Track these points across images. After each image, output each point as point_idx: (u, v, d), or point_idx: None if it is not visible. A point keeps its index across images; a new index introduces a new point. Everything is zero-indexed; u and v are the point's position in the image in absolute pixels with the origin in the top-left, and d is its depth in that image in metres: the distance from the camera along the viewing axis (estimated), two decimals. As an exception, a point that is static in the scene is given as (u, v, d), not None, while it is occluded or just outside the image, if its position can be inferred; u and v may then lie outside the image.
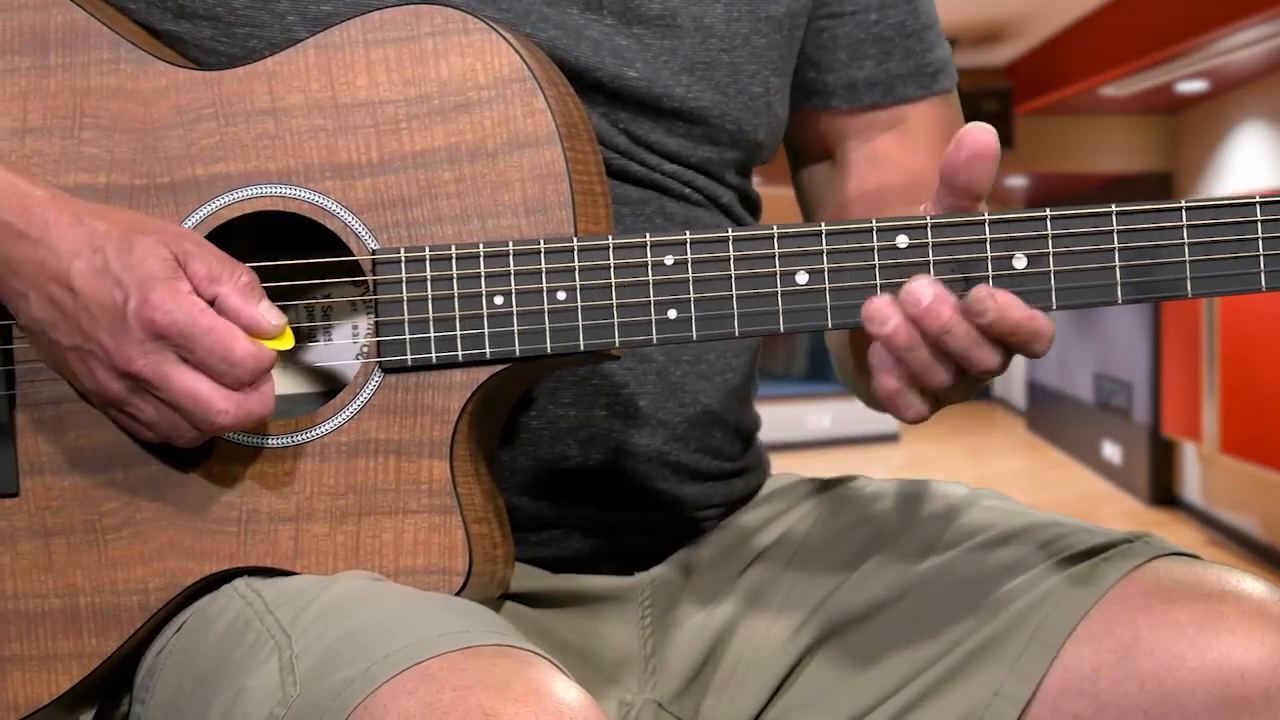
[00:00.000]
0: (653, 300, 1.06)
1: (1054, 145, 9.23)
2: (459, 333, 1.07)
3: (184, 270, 1.04)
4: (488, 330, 1.07)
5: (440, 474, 1.08)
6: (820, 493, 1.32)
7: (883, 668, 1.16)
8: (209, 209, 1.10)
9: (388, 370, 1.08)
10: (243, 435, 1.09)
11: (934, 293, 1.00)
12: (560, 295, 1.06)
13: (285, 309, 1.10)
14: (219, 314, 1.04)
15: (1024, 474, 10.58)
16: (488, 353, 1.07)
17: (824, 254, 1.04)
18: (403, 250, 1.07)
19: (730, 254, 1.05)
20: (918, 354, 1.01)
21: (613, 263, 1.06)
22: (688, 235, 1.05)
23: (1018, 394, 14.12)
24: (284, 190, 1.09)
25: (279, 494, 1.09)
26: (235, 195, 1.09)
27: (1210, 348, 7.47)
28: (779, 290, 1.05)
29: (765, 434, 1.37)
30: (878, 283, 1.03)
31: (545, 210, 1.07)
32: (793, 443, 10.71)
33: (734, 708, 1.21)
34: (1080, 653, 1.08)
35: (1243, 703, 1.04)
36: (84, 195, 1.10)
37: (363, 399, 1.08)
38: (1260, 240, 1.01)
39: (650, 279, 1.06)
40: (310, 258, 1.11)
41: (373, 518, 1.08)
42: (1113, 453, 9.56)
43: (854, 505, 1.28)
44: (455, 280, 1.07)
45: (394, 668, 0.91)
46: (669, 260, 1.06)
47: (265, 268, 1.10)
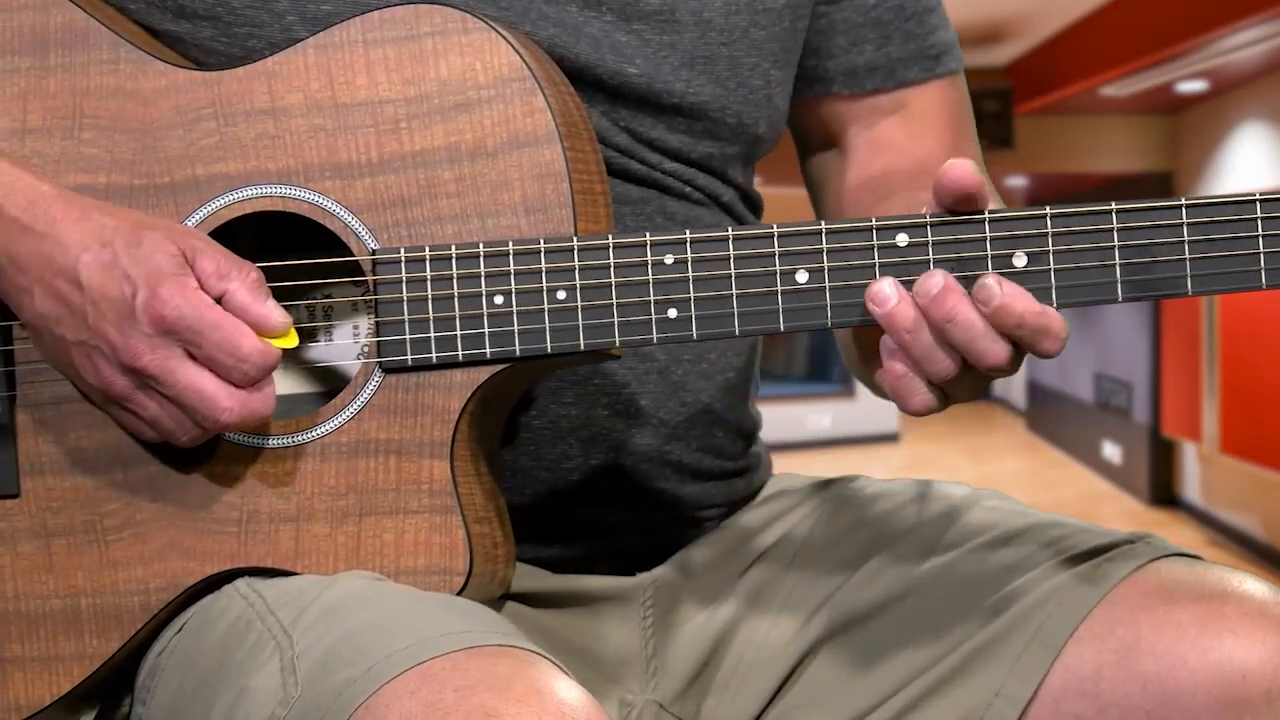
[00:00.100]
0: (653, 299, 1.06)
1: (1054, 145, 9.23)
2: (459, 332, 1.07)
3: (192, 267, 1.04)
4: (488, 330, 1.07)
5: (441, 474, 1.08)
6: (821, 493, 1.32)
7: (884, 668, 1.16)
8: (209, 209, 1.10)
9: (388, 370, 1.08)
10: (243, 435, 1.09)
11: (943, 283, 1.00)
12: (560, 295, 1.06)
13: (286, 309, 1.10)
14: (227, 310, 1.04)
15: (1024, 474, 10.58)
16: (488, 352, 1.07)
17: (824, 253, 1.04)
18: (403, 250, 1.07)
19: (730, 253, 1.05)
20: (920, 337, 1.01)
21: (613, 262, 1.06)
22: (688, 234, 1.05)
23: (1018, 394, 14.12)
24: (284, 190, 1.09)
25: (280, 494, 1.09)
26: (235, 195, 1.09)
27: (1210, 348, 7.47)
28: (779, 289, 1.05)
29: (765, 434, 1.37)
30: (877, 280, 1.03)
31: (545, 210, 1.07)
32: (793, 443, 10.70)
33: (735, 708, 1.21)
34: (1082, 653, 1.08)
35: (1244, 703, 1.04)
36: (84, 195, 1.10)
37: (363, 399, 1.08)
38: (1260, 238, 1.01)
39: (650, 278, 1.06)
40: (310, 258, 1.11)
41: (373, 518, 1.08)
42: (1113, 453, 9.56)
43: (855, 506, 1.28)
44: (455, 280, 1.07)
45: (396, 668, 0.91)
46: (669, 259, 1.05)
47: (266, 268, 1.10)
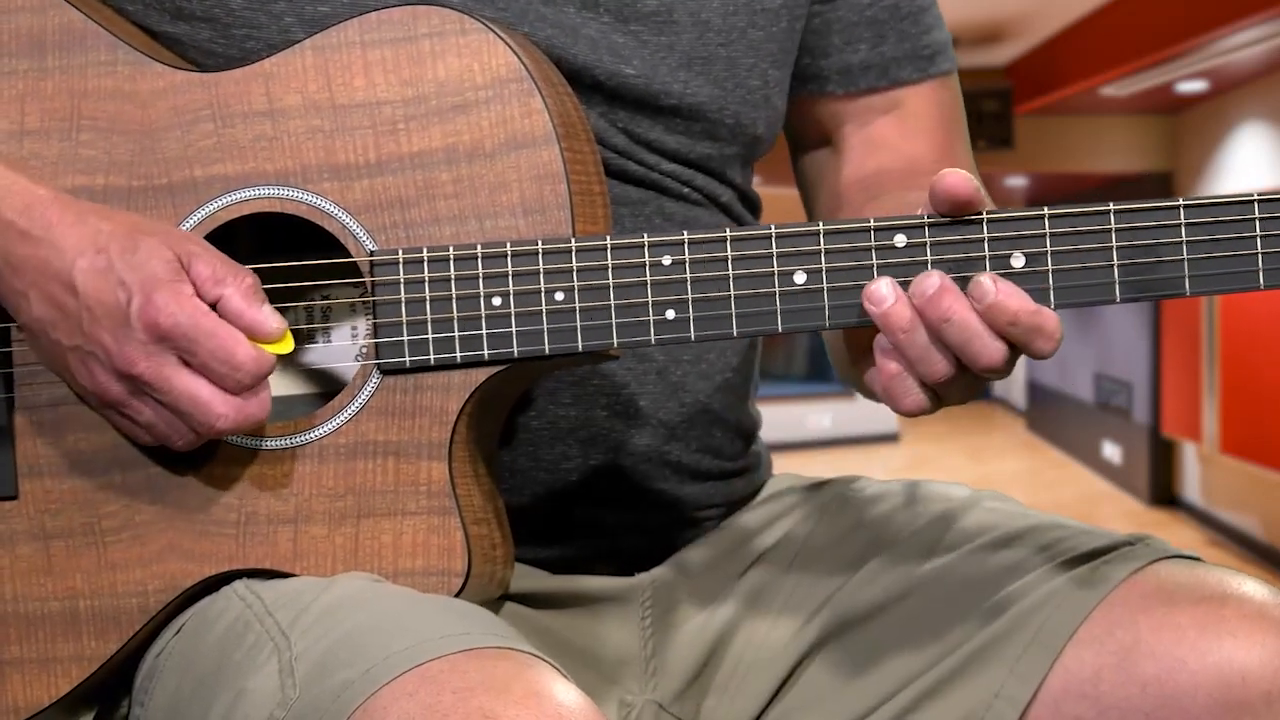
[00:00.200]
0: (651, 300, 1.06)
1: (1054, 145, 9.23)
2: (457, 334, 1.07)
3: (187, 272, 1.04)
4: (485, 331, 1.07)
5: (439, 475, 1.08)
6: (821, 493, 1.32)
7: (884, 669, 1.15)
8: (207, 210, 1.09)
9: (386, 372, 1.08)
10: (242, 437, 1.09)
11: (939, 283, 1.00)
12: (558, 296, 1.06)
13: (284, 310, 1.09)
14: (222, 316, 1.04)
15: (1024, 474, 10.58)
16: (486, 354, 1.07)
17: (822, 254, 1.04)
18: (400, 252, 1.07)
19: (728, 254, 1.05)
20: (915, 337, 1.01)
21: (610, 263, 1.06)
22: (685, 235, 1.05)
23: (1018, 394, 14.11)
24: (281, 192, 1.09)
25: (278, 496, 1.09)
26: (233, 197, 1.09)
27: (1210, 348, 7.47)
28: (777, 290, 1.05)
29: (765, 434, 1.37)
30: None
31: (543, 211, 1.07)
32: (793, 443, 10.70)
33: (734, 709, 1.21)
34: (1081, 655, 1.08)
35: (1244, 706, 1.04)
36: (82, 197, 1.10)
37: (361, 400, 1.08)
38: (1258, 238, 1.01)
39: (648, 279, 1.06)
40: (308, 259, 1.11)
41: (371, 519, 1.08)
42: (1113, 453, 9.56)
43: (855, 506, 1.28)
44: (453, 281, 1.07)
45: (394, 670, 0.91)
46: (667, 260, 1.05)
47: (263, 269, 1.10)
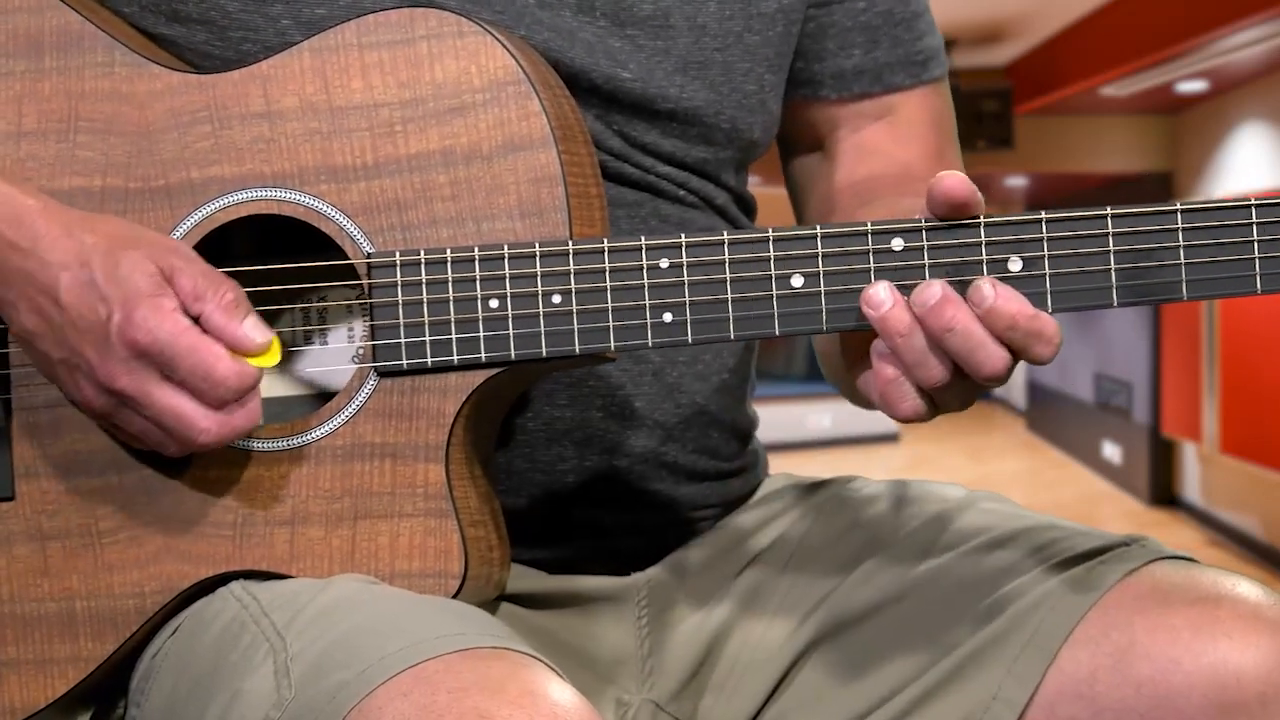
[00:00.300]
0: (648, 303, 1.06)
1: (1054, 145, 9.23)
2: (454, 336, 1.07)
3: (171, 285, 1.03)
4: (483, 334, 1.07)
5: (436, 477, 1.08)
6: (817, 494, 1.31)
7: (880, 671, 1.15)
8: (204, 212, 1.09)
9: (383, 374, 1.08)
10: (239, 439, 1.09)
11: (941, 292, 1.00)
12: (555, 299, 1.06)
13: (280, 312, 1.10)
14: (205, 331, 1.03)
15: (1024, 474, 10.58)
16: (483, 356, 1.07)
17: (819, 257, 1.04)
18: (398, 254, 1.07)
19: (725, 257, 1.05)
20: (912, 342, 1.01)
21: (608, 266, 1.06)
22: (683, 238, 1.05)
23: (1018, 394, 14.11)
24: (279, 193, 1.09)
25: (275, 497, 1.09)
26: (230, 198, 1.09)
27: (1210, 348, 7.47)
28: (774, 293, 1.05)
29: (765, 434, 1.37)
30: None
31: (540, 213, 1.07)
32: (793, 443, 10.70)
33: (731, 708, 1.21)
34: (1077, 656, 1.08)
35: (1238, 706, 1.04)
36: (79, 198, 1.10)
37: (358, 403, 1.08)
38: (1256, 243, 1.01)
39: (645, 282, 1.06)
40: (306, 260, 1.11)
41: (368, 521, 1.08)
42: (1113, 453, 9.56)
43: (851, 507, 1.28)
44: (450, 284, 1.07)
45: (389, 670, 0.91)
46: (664, 263, 1.05)
47: (260, 271, 1.10)
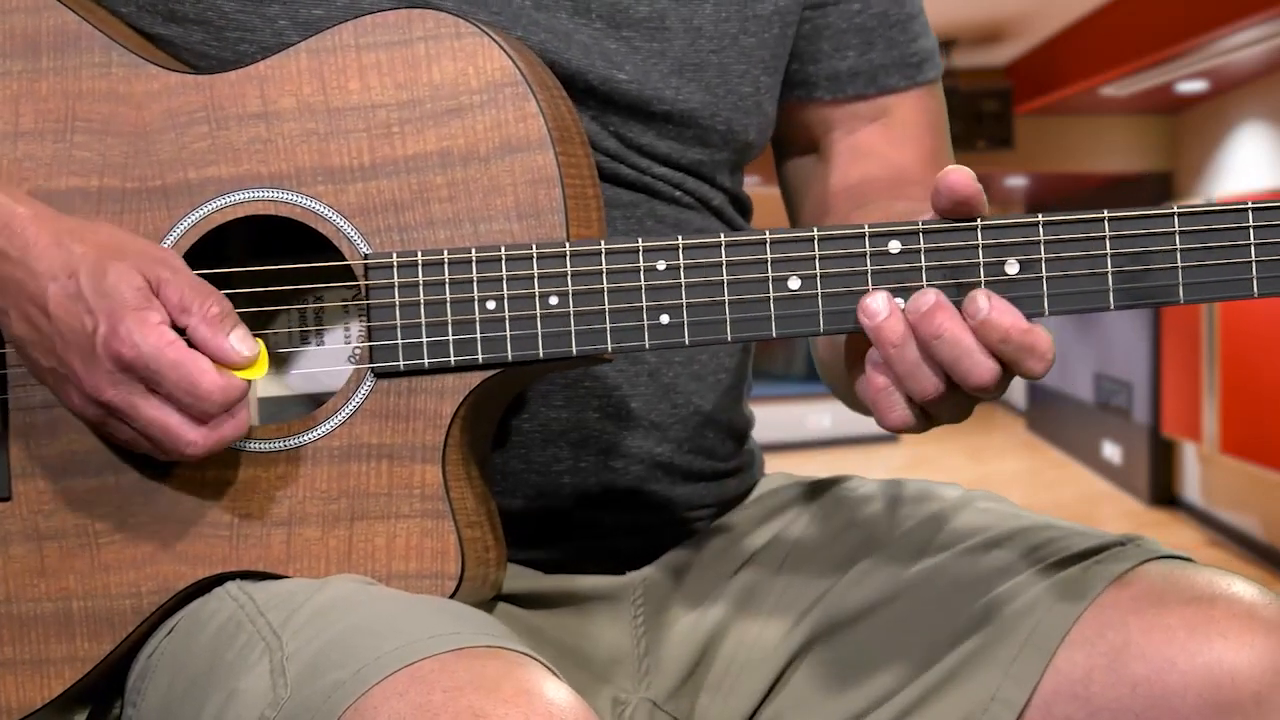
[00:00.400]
0: (645, 305, 1.06)
1: (1054, 145, 9.23)
2: (451, 337, 1.07)
3: (158, 297, 1.03)
4: (480, 335, 1.07)
5: (432, 478, 1.08)
6: (813, 493, 1.32)
7: (876, 671, 1.15)
8: (201, 213, 1.09)
9: (380, 375, 1.08)
10: (234, 442, 1.09)
11: (934, 300, 1.00)
12: (552, 300, 1.06)
13: (277, 313, 1.10)
14: (191, 343, 1.03)
15: (1024, 474, 10.59)
16: (480, 357, 1.07)
17: (816, 259, 1.04)
18: (395, 255, 1.07)
19: (723, 259, 1.05)
20: (905, 352, 1.01)
21: (605, 268, 1.06)
22: (680, 240, 1.05)
23: (1018, 394, 14.11)
24: (276, 194, 1.09)
25: (272, 498, 1.09)
26: (227, 199, 1.09)
27: (1210, 348, 7.48)
28: (771, 295, 1.05)
29: (764, 434, 1.37)
30: (869, 288, 1.03)
31: (537, 215, 1.07)
32: (792, 443, 10.70)
33: (728, 708, 1.21)
34: (1073, 656, 1.08)
35: (1234, 706, 1.04)
36: (76, 199, 1.10)
37: (355, 403, 1.08)
38: (1252, 246, 1.01)
39: (642, 284, 1.06)
40: (302, 261, 1.11)
41: (365, 522, 1.08)
42: (1113, 453, 9.56)
43: (847, 506, 1.28)
44: (447, 285, 1.07)
45: (384, 669, 0.91)
46: (661, 265, 1.05)
47: (257, 272, 1.10)
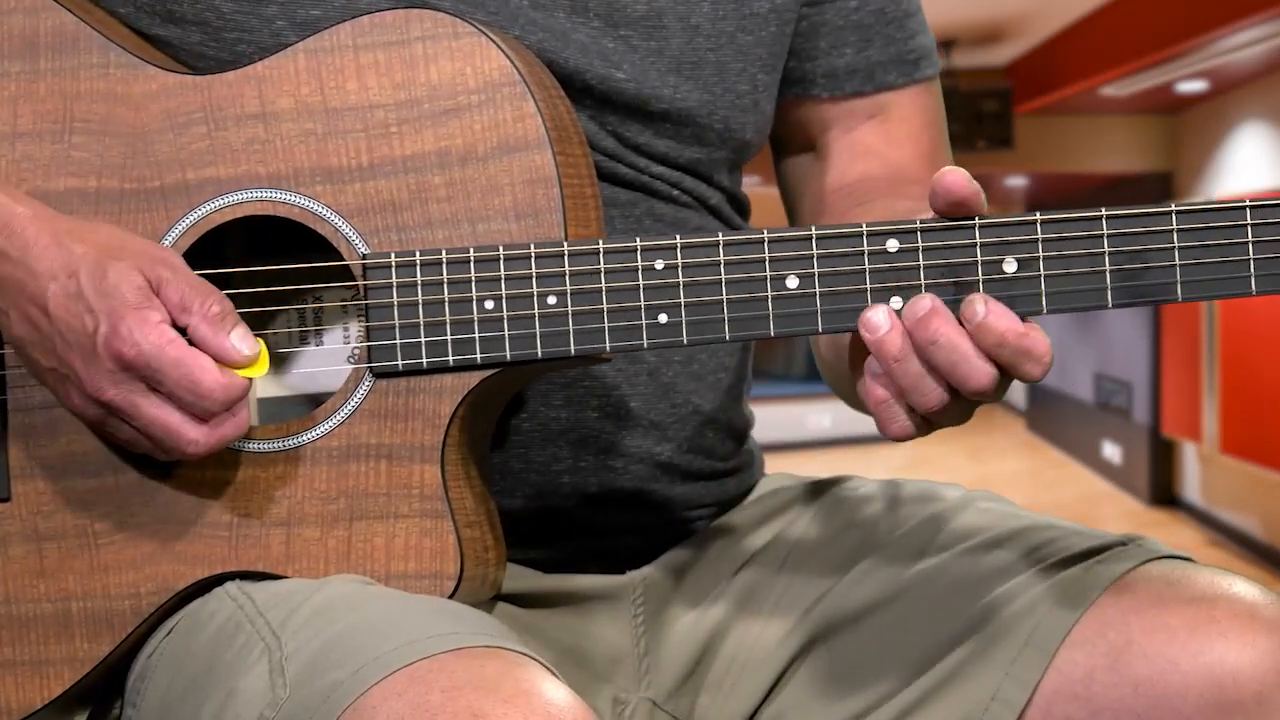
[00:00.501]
0: (643, 305, 1.06)
1: (1054, 145, 9.23)
2: (449, 337, 1.07)
3: (158, 296, 1.03)
4: (478, 335, 1.07)
5: (431, 478, 1.08)
6: (813, 493, 1.31)
7: (876, 672, 1.15)
8: (199, 213, 1.09)
9: (378, 375, 1.08)
10: (235, 440, 1.09)
11: (930, 305, 1.00)
12: (550, 300, 1.06)
13: (276, 313, 1.10)
14: (192, 342, 1.03)
15: (1024, 474, 10.59)
16: (478, 357, 1.07)
17: (814, 258, 1.04)
18: (393, 255, 1.07)
19: (721, 258, 1.05)
20: (907, 366, 1.00)
21: (603, 267, 1.06)
22: (678, 240, 1.05)
23: (1018, 394, 14.11)
24: (274, 194, 1.09)
25: (271, 498, 1.09)
26: (225, 200, 1.09)
27: (1210, 348, 7.48)
28: (769, 294, 1.05)
29: (764, 434, 1.37)
30: (868, 287, 1.03)
31: (535, 215, 1.07)
32: (792, 443, 10.70)
33: (728, 707, 1.21)
34: (1074, 657, 1.08)
35: (1235, 706, 1.04)
36: (74, 200, 1.10)
37: (354, 403, 1.08)
38: (1250, 244, 1.01)
39: (641, 283, 1.05)
40: (301, 262, 1.11)
41: (364, 522, 1.08)
42: (1113, 453, 9.56)
43: (847, 506, 1.28)
44: (446, 285, 1.07)
45: (383, 670, 0.91)
46: (659, 265, 1.05)
47: (256, 272, 1.10)
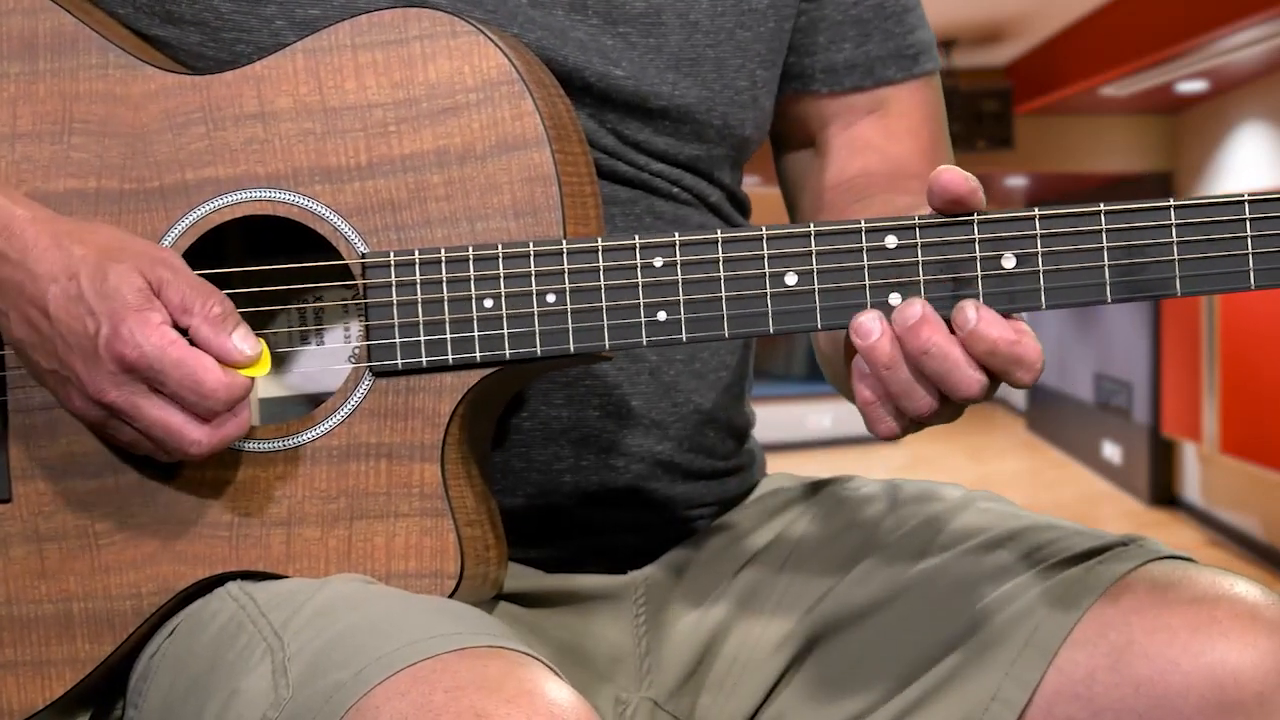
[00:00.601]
0: (642, 302, 1.06)
1: (1054, 145, 9.23)
2: (449, 336, 1.07)
3: (159, 298, 1.03)
4: (478, 333, 1.07)
5: (431, 477, 1.08)
6: (814, 493, 1.31)
7: (877, 671, 1.15)
8: (198, 213, 1.09)
9: (378, 374, 1.08)
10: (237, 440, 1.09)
11: (920, 313, 1.00)
12: (550, 298, 1.06)
13: (276, 313, 1.10)
14: (194, 343, 1.03)
15: (1024, 474, 10.58)
16: (478, 356, 1.07)
17: (813, 255, 1.04)
18: (392, 254, 1.07)
19: (719, 255, 1.05)
20: (898, 373, 1.00)
21: (602, 265, 1.06)
22: (677, 237, 1.05)
23: (1018, 394, 14.11)
24: (273, 194, 1.09)
25: (271, 498, 1.09)
26: (224, 200, 1.09)
27: (1210, 348, 7.48)
28: (768, 291, 1.05)
29: (765, 434, 1.37)
30: (867, 284, 1.03)
31: (534, 213, 1.07)
32: (793, 443, 10.70)
33: (729, 707, 1.21)
34: (1075, 657, 1.08)
35: (1236, 706, 1.04)
36: (74, 200, 1.10)
37: (353, 403, 1.08)
38: (1249, 238, 1.01)
39: (639, 281, 1.05)
40: (300, 261, 1.11)
41: (364, 521, 1.08)
42: (1113, 453, 9.56)
43: (848, 506, 1.28)
44: (445, 283, 1.07)
45: (386, 670, 0.91)
46: (658, 262, 1.05)
47: (255, 272, 1.10)
